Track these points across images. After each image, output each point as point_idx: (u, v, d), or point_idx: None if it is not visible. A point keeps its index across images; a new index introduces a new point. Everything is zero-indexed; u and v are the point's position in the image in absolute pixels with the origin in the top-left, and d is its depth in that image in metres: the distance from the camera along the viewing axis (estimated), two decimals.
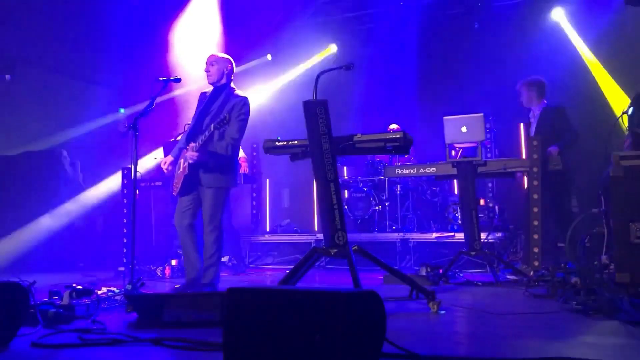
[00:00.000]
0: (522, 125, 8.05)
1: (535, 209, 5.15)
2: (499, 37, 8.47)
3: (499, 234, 6.75)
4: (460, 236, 6.53)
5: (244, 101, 4.63)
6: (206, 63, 4.69)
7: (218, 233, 4.61)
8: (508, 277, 5.51)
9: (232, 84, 4.73)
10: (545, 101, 6.00)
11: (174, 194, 4.69)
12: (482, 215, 6.92)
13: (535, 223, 5.14)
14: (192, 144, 4.44)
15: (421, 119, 8.82)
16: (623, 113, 4.48)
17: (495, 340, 2.89)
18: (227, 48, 8.60)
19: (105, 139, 7.70)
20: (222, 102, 4.63)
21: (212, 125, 4.37)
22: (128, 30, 8.21)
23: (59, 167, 7.72)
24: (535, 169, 5.20)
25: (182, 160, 4.65)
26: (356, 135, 3.94)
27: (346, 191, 8.21)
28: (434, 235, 7.15)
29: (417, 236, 7.24)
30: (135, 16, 7.96)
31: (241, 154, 7.43)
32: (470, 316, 3.59)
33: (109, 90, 8.07)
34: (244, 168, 7.40)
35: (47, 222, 7.24)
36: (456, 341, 2.93)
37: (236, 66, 4.85)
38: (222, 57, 4.72)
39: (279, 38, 9.39)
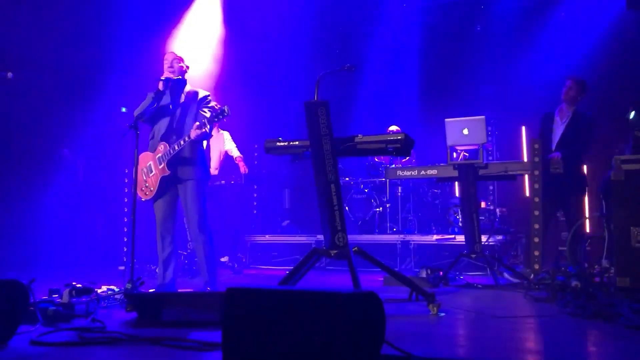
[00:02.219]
0: (523, 128, 8.05)
1: (536, 212, 5.14)
2: (500, 40, 8.47)
3: (499, 237, 6.74)
4: (460, 239, 6.53)
5: (210, 96, 4.72)
6: (168, 59, 4.68)
7: (209, 229, 4.59)
8: (508, 279, 5.51)
9: (186, 80, 4.78)
10: (576, 107, 5.95)
11: (146, 198, 4.60)
12: (482, 217, 6.92)
13: (536, 226, 5.13)
14: (197, 123, 4.40)
15: (422, 121, 8.82)
16: (624, 117, 4.48)
17: (495, 343, 2.89)
18: (229, 48, 8.62)
19: (107, 138, 7.70)
20: (185, 98, 4.65)
21: (206, 120, 4.38)
22: (130, 29, 8.22)
23: (60, 166, 7.72)
24: (536, 172, 5.19)
25: (151, 163, 4.62)
26: (357, 136, 3.94)
27: (347, 192, 8.21)
28: (435, 237, 7.15)
29: (417, 238, 7.24)
30: (137, 16, 7.97)
31: (237, 153, 7.43)
32: (470, 319, 3.58)
33: (111, 90, 8.07)
34: (242, 168, 7.39)
35: (48, 221, 7.24)
36: (455, 343, 2.92)
37: (237, 66, 4.88)
38: (181, 57, 4.75)
39: (281, 40, 9.38)
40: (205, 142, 4.94)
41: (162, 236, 4.62)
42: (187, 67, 4.77)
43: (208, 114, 4.48)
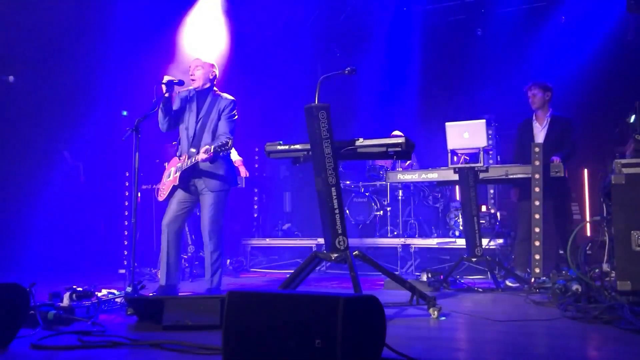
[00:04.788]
0: None
1: (537, 216, 5.14)
2: (501, 44, 8.48)
3: (500, 241, 6.74)
4: (461, 242, 6.52)
5: (234, 102, 4.72)
6: (191, 67, 4.73)
7: (220, 237, 4.67)
8: (509, 283, 5.50)
9: (215, 88, 4.79)
10: (551, 109, 5.98)
11: (160, 199, 4.76)
12: (483, 221, 6.92)
13: (537, 230, 5.12)
14: (207, 147, 4.42)
15: (423, 124, 8.82)
16: (625, 120, 4.48)
17: (496, 347, 2.89)
18: (231, 51, 8.62)
19: (108, 142, 7.70)
20: (209, 106, 4.67)
21: (212, 147, 4.37)
22: (131, 32, 8.23)
23: (61, 169, 7.73)
24: (537, 176, 5.19)
25: (173, 169, 4.71)
26: (358, 139, 3.94)
27: (348, 196, 8.21)
28: (436, 241, 7.14)
29: (418, 242, 7.24)
30: (138, 18, 7.98)
31: (237, 157, 7.43)
32: (471, 322, 3.58)
33: (112, 93, 8.07)
34: (243, 172, 7.39)
35: (49, 224, 7.23)
36: (456, 347, 2.92)
37: (237, 68, 4.88)
38: (207, 62, 4.76)
39: (282, 42, 9.40)
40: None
41: (167, 239, 4.63)
42: (215, 75, 4.77)
43: (217, 143, 4.47)
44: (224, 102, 4.67)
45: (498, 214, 7.42)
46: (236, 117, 4.73)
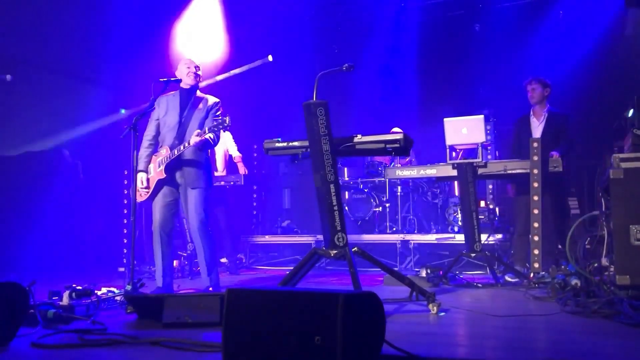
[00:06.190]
0: None
1: (536, 211, 5.14)
2: (499, 39, 8.48)
3: (499, 236, 6.75)
4: (460, 238, 6.53)
5: (220, 104, 4.82)
6: (189, 65, 4.80)
7: (210, 233, 4.69)
8: (508, 279, 5.51)
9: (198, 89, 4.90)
10: (548, 105, 6.00)
11: (141, 200, 4.69)
12: (482, 216, 6.92)
13: (536, 225, 5.13)
14: (198, 130, 4.48)
15: (422, 120, 8.82)
16: (623, 115, 4.48)
17: (495, 342, 2.89)
18: (229, 49, 8.62)
19: (106, 140, 7.70)
20: (193, 102, 4.74)
21: (207, 129, 4.46)
22: (129, 30, 8.21)
23: (60, 168, 7.72)
24: (535, 171, 5.19)
25: (154, 165, 4.71)
26: (356, 136, 3.94)
27: (346, 192, 8.22)
28: (435, 236, 7.15)
29: (417, 237, 7.25)
30: (136, 16, 7.96)
31: (237, 153, 7.44)
32: (470, 318, 3.59)
33: (110, 91, 8.07)
34: (241, 169, 7.39)
35: (48, 222, 7.23)
36: (456, 343, 2.92)
37: (238, 66, 4.92)
38: (198, 64, 4.88)
39: (281, 39, 9.39)
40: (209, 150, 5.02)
41: (161, 239, 4.64)
42: (200, 76, 4.87)
43: (210, 124, 4.55)
44: (212, 103, 4.76)
45: (497, 209, 7.43)
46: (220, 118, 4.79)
